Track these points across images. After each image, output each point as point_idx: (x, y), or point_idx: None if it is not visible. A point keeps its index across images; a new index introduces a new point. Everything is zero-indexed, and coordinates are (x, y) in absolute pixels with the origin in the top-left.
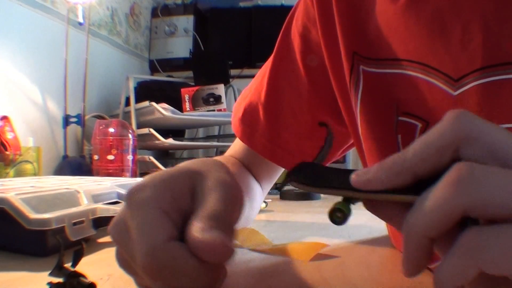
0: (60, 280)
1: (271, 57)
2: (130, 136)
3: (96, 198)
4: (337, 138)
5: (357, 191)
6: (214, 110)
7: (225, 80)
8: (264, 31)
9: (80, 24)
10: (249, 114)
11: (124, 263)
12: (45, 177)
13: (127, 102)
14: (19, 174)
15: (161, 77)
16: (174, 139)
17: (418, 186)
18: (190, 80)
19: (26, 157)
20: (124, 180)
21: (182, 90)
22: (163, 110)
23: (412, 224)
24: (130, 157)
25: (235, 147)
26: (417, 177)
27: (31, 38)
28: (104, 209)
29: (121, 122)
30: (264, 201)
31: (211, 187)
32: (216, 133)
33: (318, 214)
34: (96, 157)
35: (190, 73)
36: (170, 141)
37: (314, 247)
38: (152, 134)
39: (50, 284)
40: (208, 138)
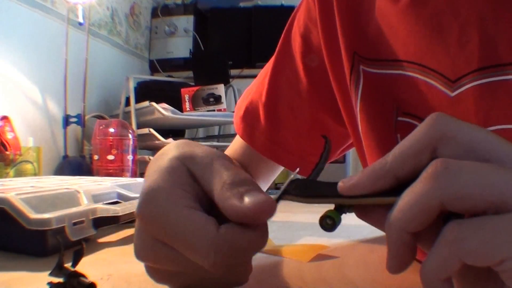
0: (60, 280)
1: (273, 57)
2: (130, 136)
3: (96, 198)
4: (336, 139)
5: (345, 198)
6: (214, 110)
7: (225, 80)
8: (264, 31)
9: (80, 24)
10: (250, 113)
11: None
12: (45, 177)
13: (127, 102)
14: (19, 174)
15: (161, 77)
16: (174, 139)
17: (402, 188)
18: (190, 80)
19: (26, 157)
20: (124, 180)
21: (182, 90)
22: (163, 110)
23: (392, 220)
24: (130, 157)
25: (233, 147)
26: (399, 180)
27: (31, 38)
28: (104, 209)
29: (121, 122)
30: None
31: (209, 162)
32: (216, 133)
33: (318, 215)
34: (96, 157)
35: (190, 73)
36: (170, 141)
37: (314, 249)
38: (152, 134)
39: (50, 284)
40: (208, 138)
